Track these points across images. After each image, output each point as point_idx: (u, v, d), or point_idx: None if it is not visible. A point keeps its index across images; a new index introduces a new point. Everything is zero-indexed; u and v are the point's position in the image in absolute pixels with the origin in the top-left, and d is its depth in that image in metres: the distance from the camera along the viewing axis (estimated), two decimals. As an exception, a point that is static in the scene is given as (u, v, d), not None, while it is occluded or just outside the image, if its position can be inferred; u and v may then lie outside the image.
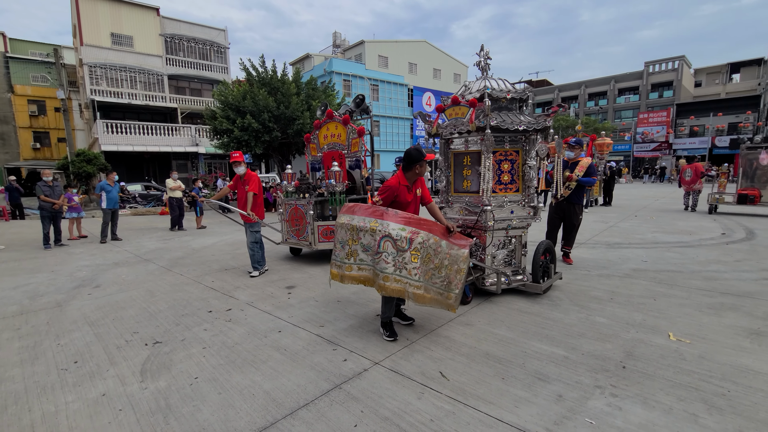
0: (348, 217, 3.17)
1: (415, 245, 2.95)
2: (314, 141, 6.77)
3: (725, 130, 35.08)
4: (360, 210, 3.14)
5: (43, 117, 30.18)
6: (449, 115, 4.29)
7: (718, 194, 11.05)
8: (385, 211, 3.08)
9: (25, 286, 5.24)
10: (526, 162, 4.27)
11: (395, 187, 3.28)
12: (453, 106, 4.21)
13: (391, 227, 2.96)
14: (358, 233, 3.06)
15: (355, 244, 3.08)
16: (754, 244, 6.69)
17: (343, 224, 3.17)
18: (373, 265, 3.02)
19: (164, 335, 3.49)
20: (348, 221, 3.13)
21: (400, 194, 3.29)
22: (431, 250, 3.01)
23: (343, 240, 3.17)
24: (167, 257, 6.93)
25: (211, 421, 2.24)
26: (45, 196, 8.08)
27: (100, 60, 21.46)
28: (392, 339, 3.24)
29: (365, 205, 3.17)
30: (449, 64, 39.36)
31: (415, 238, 2.96)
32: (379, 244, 2.96)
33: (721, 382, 2.50)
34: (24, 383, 2.73)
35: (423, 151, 3.34)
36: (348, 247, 3.12)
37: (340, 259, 3.17)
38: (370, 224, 3.01)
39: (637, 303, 3.96)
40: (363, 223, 3.05)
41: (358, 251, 3.08)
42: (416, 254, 2.95)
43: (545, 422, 2.15)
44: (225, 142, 15.85)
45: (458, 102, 4.14)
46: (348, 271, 3.12)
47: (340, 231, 3.20)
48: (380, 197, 3.27)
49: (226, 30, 25.93)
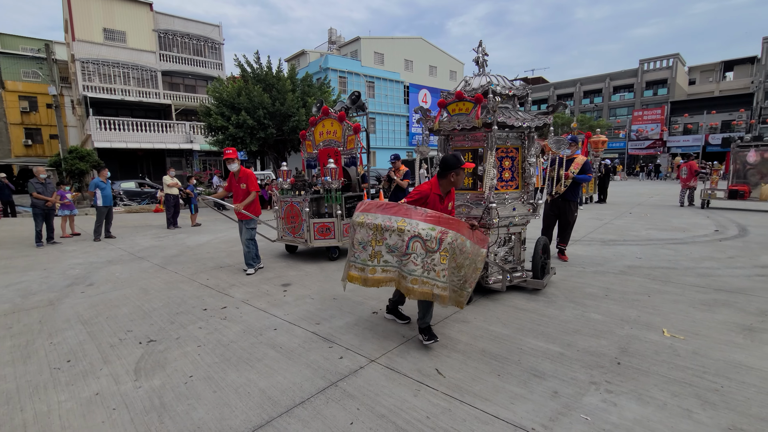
0: (370, 216, 2.97)
1: (445, 245, 2.76)
2: (310, 138, 6.72)
3: (719, 128, 35.36)
4: (384, 208, 2.94)
5: (35, 113, 29.81)
6: (452, 110, 4.17)
7: (710, 190, 11.41)
8: (413, 209, 2.88)
9: (17, 284, 5.18)
10: (526, 159, 4.27)
11: (426, 194, 3.08)
12: (456, 102, 4.09)
13: (421, 227, 2.77)
14: (382, 233, 2.86)
15: (379, 245, 2.88)
16: (746, 240, 6.76)
17: (363, 223, 2.97)
18: (399, 267, 2.84)
19: (158, 333, 3.47)
20: (370, 220, 2.94)
21: (430, 203, 3.08)
22: (458, 250, 2.85)
23: (364, 240, 2.96)
24: (161, 255, 6.88)
25: (206, 420, 2.23)
26: (37, 194, 7.99)
27: (92, 56, 21.22)
28: (434, 340, 3.02)
29: (390, 203, 2.99)
30: (445, 61, 39.31)
31: (444, 238, 2.77)
32: (408, 244, 2.77)
33: (714, 377, 2.52)
34: (16, 382, 2.70)
35: (461, 158, 3.12)
36: (371, 248, 2.92)
37: (361, 261, 2.97)
38: (398, 224, 2.82)
39: (631, 300, 3.98)
40: (389, 222, 2.85)
41: (383, 252, 2.88)
42: (445, 255, 2.76)
43: (541, 418, 2.16)
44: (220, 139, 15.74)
45: (462, 97, 4.02)
46: (372, 273, 2.92)
47: (360, 231, 3.00)
48: (407, 201, 3.05)
49: (220, 26, 25.73)
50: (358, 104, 6.70)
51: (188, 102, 24.42)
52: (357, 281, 3.00)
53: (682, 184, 12.51)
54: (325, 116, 6.34)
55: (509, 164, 4.28)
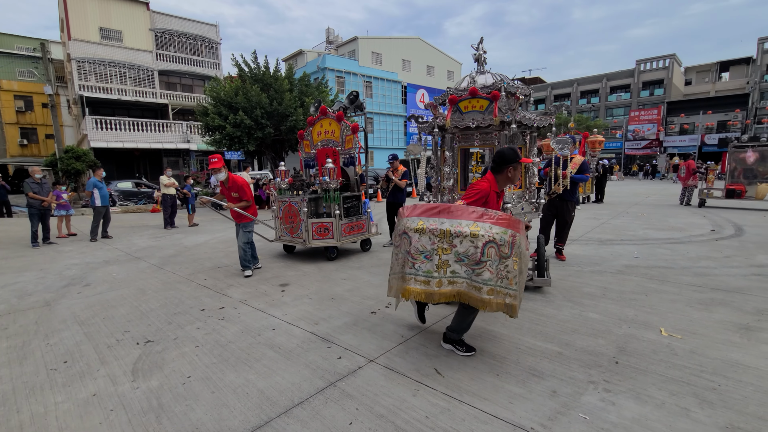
0: (433, 220, 2.62)
1: (515, 250, 2.53)
2: (308, 138, 6.72)
3: (714, 128, 35.56)
4: (448, 211, 2.62)
5: (30, 113, 29.59)
6: (464, 107, 3.95)
7: (707, 189, 11.63)
8: (486, 212, 2.58)
9: (13, 285, 5.15)
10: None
11: (486, 193, 2.84)
12: (470, 98, 3.89)
13: (494, 231, 2.51)
14: (452, 240, 2.53)
15: (447, 254, 2.54)
16: (742, 240, 6.80)
17: (424, 229, 2.61)
18: (468, 277, 2.53)
19: (156, 334, 3.45)
20: (434, 225, 2.59)
21: (490, 201, 2.85)
22: (523, 253, 2.62)
23: (427, 249, 2.60)
24: (159, 255, 6.85)
25: (205, 421, 2.22)
26: (33, 194, 7.94)
27: (88, 55, 21.10)
28: (474, 352, 2.89)
29: (457, 206, 2.65)
30: (443, 61, 39.33)
31: (515, 242, 2.54)
32: (483, 251, 2.49)
33: (711, 376, 2.53)
34: (12, 384, 2.68)
35: (518, 152, 2.94)
36: (437, 257, 2.57)
37: (425, 273, 2.59)
38: (470, 228, 2.52)
39: (629, 299, 4.00)
40: (459, 227, 2.54)
41: (450, 261, 2.55)
42: (516, 260, 2.52)
43: (539, 418, 2.16)
44: (217, 139, 15.70)
45: (477, 94, 3.82)
46: (438, 286, 2.56)
47: (420, 238, 2.63)
48: (466, 202, 2.79)
49: (217, 25, 25.64)
50: (356, 104, 6.70)
51: (185, 102, 24.32)
52: (418, 296, 2.63)
53: (682, 183, 12.90)
54: (323, 116, 6.34)
55: None
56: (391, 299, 4.20)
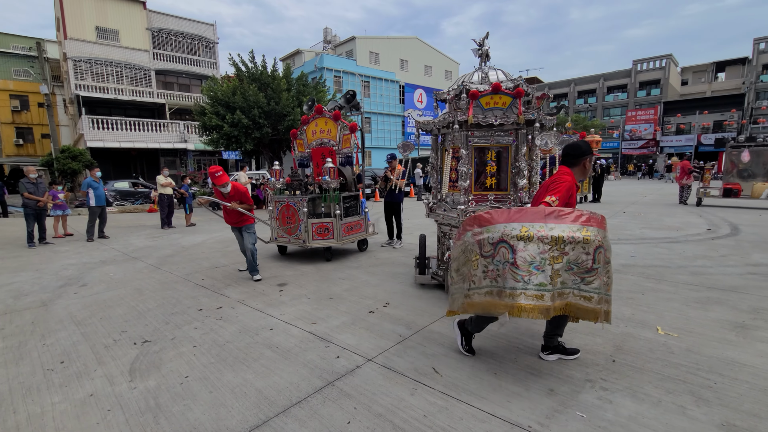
0: (539, 226, 2.30)
1: (611, 252, 2.40)
2: (301, 137, 6.61)
3: (711, 128, 35.75)
4: (557, 215, 2.33)
5: (26, 112, 29.44)
6: (485, 104, 3.76)
7: (704, 188, 11.77)
8: (591, 214, 2.36)
9: (9, 285, 5.12)
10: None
11: (572, 186, 2.66)
12: (492, 95, 3.72)
13: (601, 234, 2.33)
14: (563, 247, 2.26)
15: (558, 263, 2.27)
16: (738, 239, 6.84)
17: (531, 237, 2.28)
18: (576, 287, 2.31)
19: (153, 334, 3.44)
20: (543, 232, 2.27)
21: (573, 199, 2.67)
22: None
23: (536, 259, 2.27)
24: (156, 255, 6.83)
25: (203, 420, 2.21)
26: (29, 194, 7.90)
27: (84, 54, 20.99)
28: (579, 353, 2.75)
29: (561, 209, 2.38)
30: (440, 61, 39.35)
31: (610, 244, 2.40)
32: (594, 257, 2.29)
33: (708, 374, 2.55)
34: (8, 384, 2.67)
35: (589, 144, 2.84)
36: (550, 267, 2.27)
37: (538, 287, 2.27)
38: (582, 233, 2.28)
39: (626, 298, 4.01)
40: (572, 232, 2.27)
41: (560, 271, 2.29)
42: (609, 264, 2.38)
43: (537, 416, 2.17)
44: (214, 139, 15.66)
45: (500, 90, 3.67)
46: (551, 300, 2.28)
47: (527, 247, 2.28)
48: (555, 196, 2.55)
49: (214, 24, 25.56)
50: (352, 103, 6.66)
51: (182, 101, 24.23)
52: (531, 313, 2.28)
53: (678, 183, 13.12)
54: (319, 115, 6.28)
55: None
56: (389, 299, 4.20)
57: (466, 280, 2.56)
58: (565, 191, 2.59)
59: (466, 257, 2.56)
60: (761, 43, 34.36)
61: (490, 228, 2.42)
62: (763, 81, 34.16)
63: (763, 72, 34.36)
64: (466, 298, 2.55)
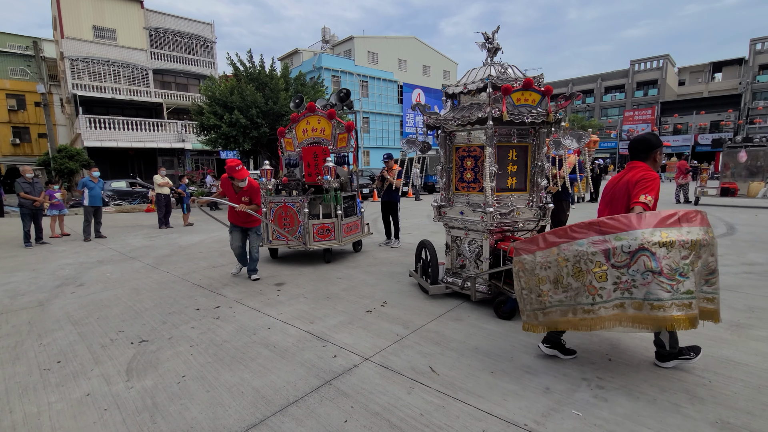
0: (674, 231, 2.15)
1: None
2: (289, 135, 6.39)
3: (707, 128, 35.90)
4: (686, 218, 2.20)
5: (23, 112, 29.29)
6: (516, 100, 3.57)
7: (702, 188, 11.95)
8: (701, 213, 2.27)
9: (5, 285, 5.10)
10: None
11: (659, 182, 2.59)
12: (522, 91, 3.56)
13: (712, 233, 2.26)
14: (699, 251, 2.15)
15: (695, 268, 2.16)
16: (734, 239, 6.87)
17: (672, 243, 2.12)
18: (701, 292, 2.29)
19: (150, 333, 3.44)
20: (683, 236, 2.13)
21: None
22: None
23: (680, 266, 2.12)
24: (153, 255, 6.81)
25: (200, 420, 2.22)
26: (25, 193, 7.87)
27: (81, 53, 20.90)
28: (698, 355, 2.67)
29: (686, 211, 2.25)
30: (439, 61, 39.36)
31: None
32: (716, 258, 2.30)
33: (702, 372, 2.57)
34: (5, 384, 2.66)
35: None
36: (692, 272, 2.13)
37: (685, 294, 2.12)
38: (710, 235, 2.22)
39: (622, 297, 4.02)
40: (703, 234, 2.18)
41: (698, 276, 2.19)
42: None
43: (533, 414, 2.18)
44: (212, 138, 15.62)
45: (531, 86, 3.52)
46: (697, 308, 2.17)
47: (669, 253, 2.12)
48: (651, 195, 2.47)
49: (212, 24, 25.49)
50: (346, 102, 6.56)
51: (180, 101, 24.16)
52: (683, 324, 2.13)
53: (676, 182, 13.33)
54: (311, 113, 6.11)
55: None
56: (386, 298, 4.21)
57: (581, 294, 2.35)
58: (658, 189, 2.54)
59: (578, 268, 2.33)
60: (758, 44, 34.51)
61: (621, 235, 2.21)
62: (759, 81, 34.30)
63: (760, 72, 34.51)
64: (587, 314, 2.35)
